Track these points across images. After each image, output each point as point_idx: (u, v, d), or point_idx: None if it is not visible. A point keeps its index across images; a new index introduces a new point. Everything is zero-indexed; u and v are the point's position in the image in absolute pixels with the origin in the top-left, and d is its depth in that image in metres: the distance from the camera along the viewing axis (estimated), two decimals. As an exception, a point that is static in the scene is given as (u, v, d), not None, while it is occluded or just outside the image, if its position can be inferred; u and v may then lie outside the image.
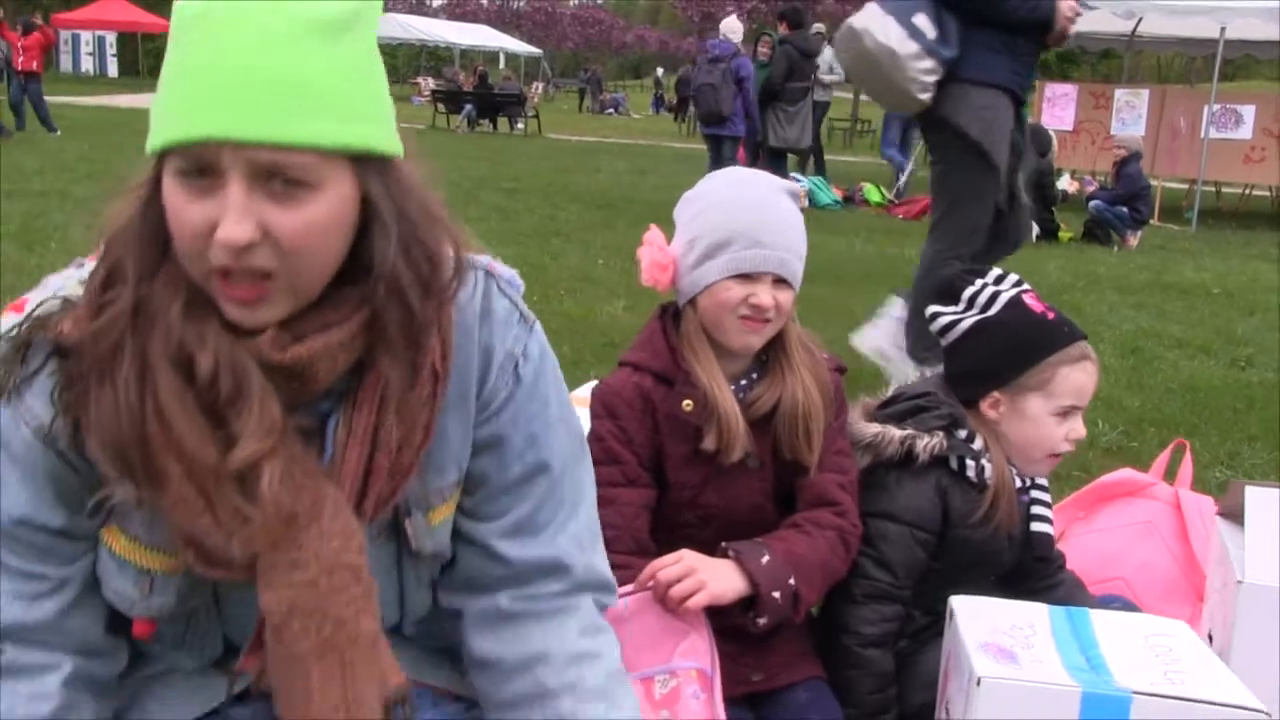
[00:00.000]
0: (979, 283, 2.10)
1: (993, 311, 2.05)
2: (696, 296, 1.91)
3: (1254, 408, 4.65)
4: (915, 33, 3.90)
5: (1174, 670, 1.61)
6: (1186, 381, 4.99)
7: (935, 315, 2.14)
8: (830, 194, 12.17)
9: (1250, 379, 5.19)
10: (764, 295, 1.84)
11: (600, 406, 1.95)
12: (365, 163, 1.10)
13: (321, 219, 1.07)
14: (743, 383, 1.95)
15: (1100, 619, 1.76)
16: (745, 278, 1.85)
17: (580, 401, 2.84)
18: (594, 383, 3.09)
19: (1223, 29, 11.52)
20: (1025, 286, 2.09)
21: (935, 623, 2.05)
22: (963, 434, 2.02)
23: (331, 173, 1.07)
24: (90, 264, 1.16)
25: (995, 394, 2.03)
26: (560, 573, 1.36)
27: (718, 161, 10.51)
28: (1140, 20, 13.72)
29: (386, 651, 1.22)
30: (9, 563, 1.16)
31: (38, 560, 1.17)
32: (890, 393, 2.20)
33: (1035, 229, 9.83)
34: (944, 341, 2.13)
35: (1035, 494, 2.12)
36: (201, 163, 1.03)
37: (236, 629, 1.25)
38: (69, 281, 1.17)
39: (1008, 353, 2.02)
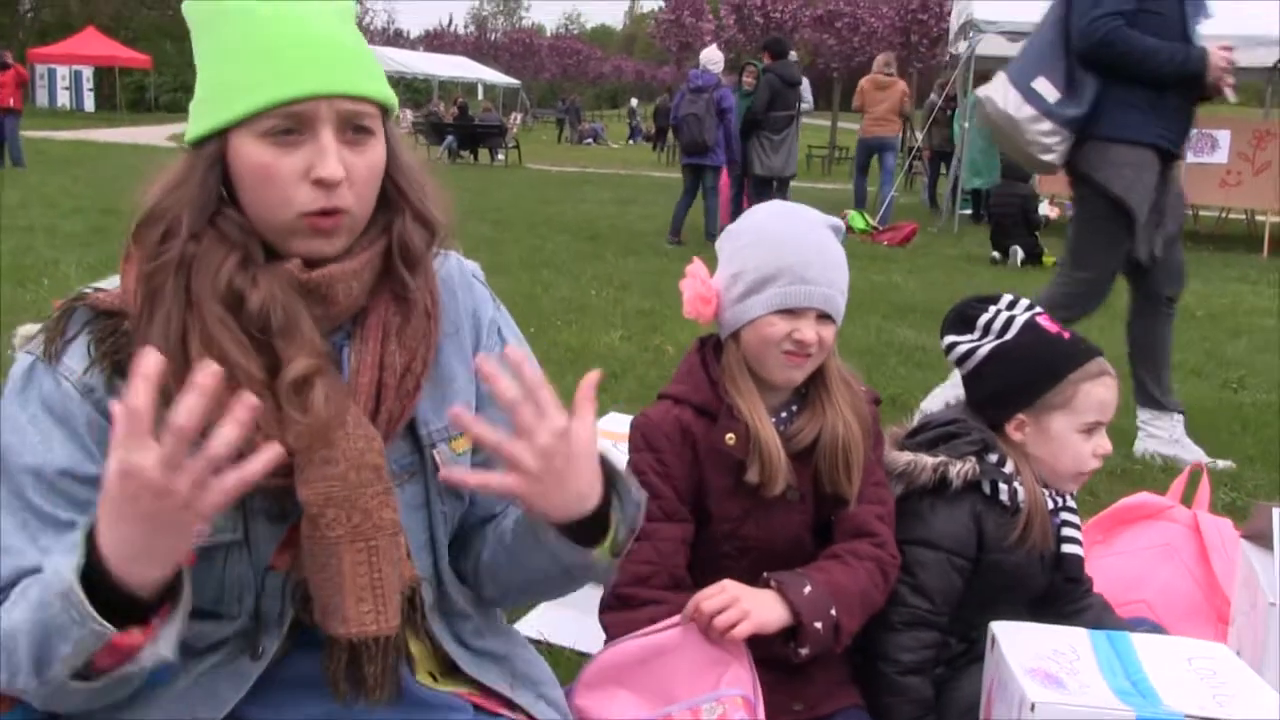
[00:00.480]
0: (992, 309, 2.13)
1: (1009, 336, 2.09)
2: (739, 330, 1.91)
3: (1249, 429, 4.71)
4: (1033, 97, 3.92)
5: (1222, 693, 1.63)
6: (1183, 404, 5.03)
7: (952, 345, 2.16)
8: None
9: (1243, 400, 5.26)
10: (808, 331, 1.85)
11: (640, 439, 1.95)
12: (388, 116, 1.36)
13: (378, 161, 1.32)
14: (783, 415, 1.96)
15: (1141, 642, 1.78)
16: (789, 313, 1.86)
17: (602, 434, 2.86)
18: (612, 414, 3.12)
19: (1197, 55, 11.71)
20: (1038, 310, 2.12)
21: (971, 649, 2.07)
22: (994, 458, 2.04)
23: (378, 123, 1.32)
24: (112, 280, 1.34)
25: (1020, 416, 2.06)
26: None
27: (694, 191, 10.57)
28: (1115, 47, 13.92)
29: (403, 545, 1.37)
30: (57, 515, 1.26)
31: (81, 512, 1.25)
32: (917, 422, 2.22)
33: (1020, 254, 9.95)
34: (963, 370, 2.16)
35: (1065, 515, 2.14)
36: (300, 118, 1.25)
37: (262, 572, 1.36)
38: (95, 285, 1.33)
39: (1029, 374, 2.05)
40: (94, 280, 1.37)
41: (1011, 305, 2.13)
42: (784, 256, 1.87)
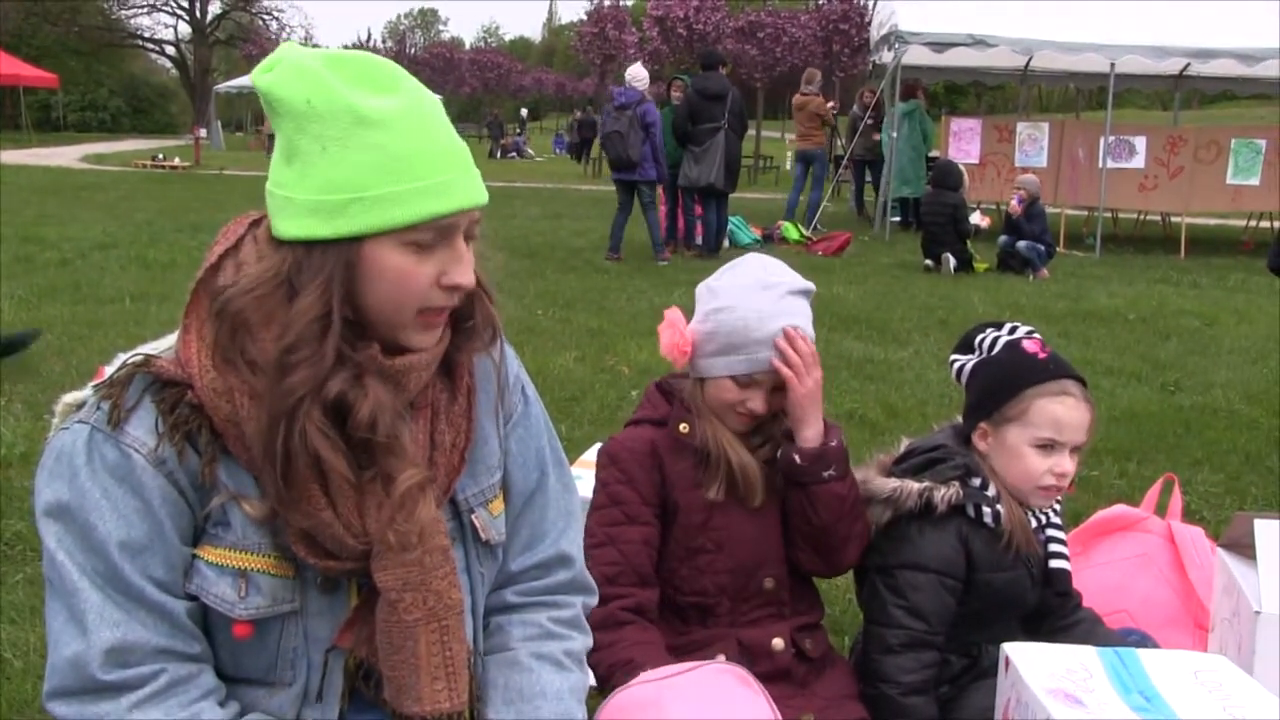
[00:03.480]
0: (990, 331, 2.21)
1: (992, 353, 2.16)
2: (704, 380, 2.06)
3: (1192, 431, 4.87)
4: None
5: (1230, 704, 1.70)
6: (1126, 409, 5.19)
7: (953, 363, 2.24)
8: (749, 233, 12.38)
9: (1182, 403, 5.43)
10: (756, 403, 2.03)
11: (605, 457, 2.09)
12: None
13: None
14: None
15: (1148, 658, 1.85)
16: (745, 383, 2.02)
17: (586, 465, 2.88)
18: (599, 445, 3.13)
19: (1113, 64, 12.08)
20: (1030, 334, 2.19)
21: (973, 666, 2.13)
22: (977, 482, 2.10)
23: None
24: (156, 344, 1.34)
25: (982, 425, 2.14)
26: (566, 564, 1.62)
27: (628, 206, 10.61)
28: (1033, 56, 14.32)
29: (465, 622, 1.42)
30: (143, 589, 1.27)
31: (158, 588, 1.28)
32: (903, 448, 2.27)
33: (953, 261, 10.15)
34: (961, 385, 2.23)
35: (1050, 532, 2.21)
36: (445, 229, 1.29)
37: (317, 646, 1.37)
38: (142, 350, 1.33)
39: (992, 386, 2.14)
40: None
41: (1012, 331, 2.19)
42: (748, 328, 2.01)
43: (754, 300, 2.03)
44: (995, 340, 2.18)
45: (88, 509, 1.24)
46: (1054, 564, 2.20)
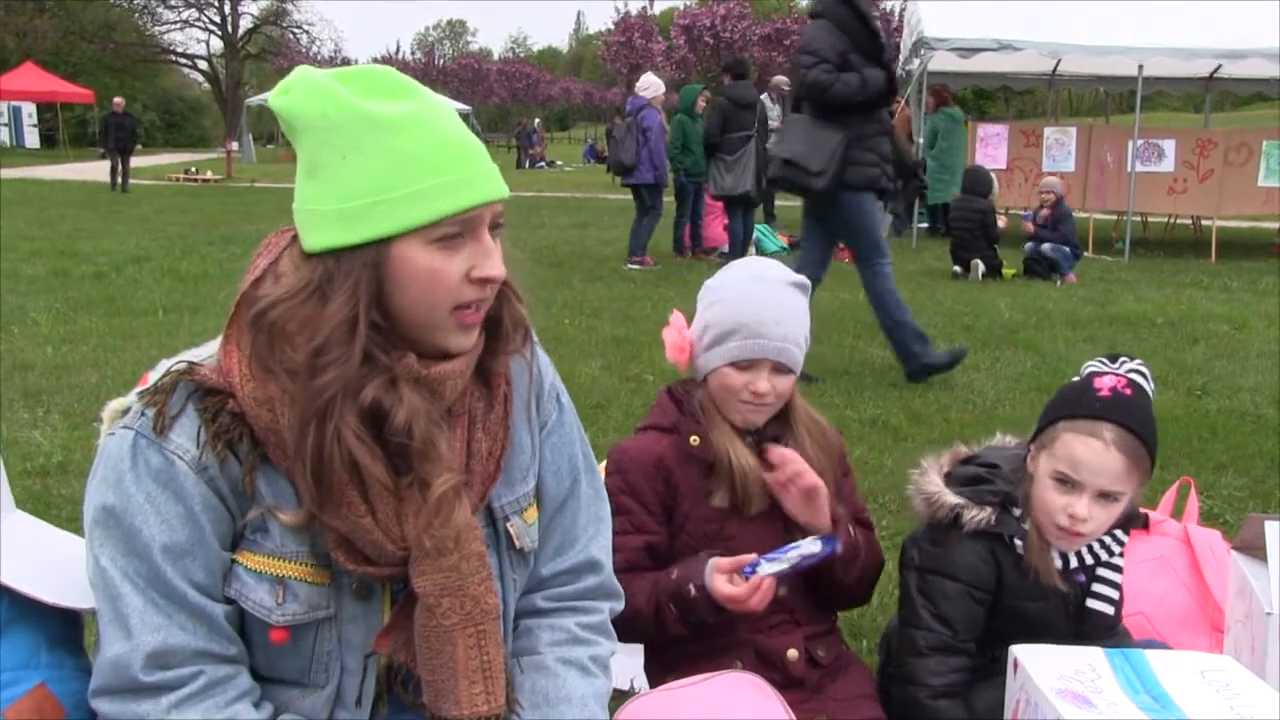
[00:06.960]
0: (1097, 361, 2.13)
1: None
2: (707, 376, 2.10)
3: (1217, 436, 4.85)
4: None
5: (1238, 703, 1.72)
6: (1152, 413, 5.16)
7: None
8: (776, 241, 12.40)
9: (1209, 408, 5.40)
10: (762, 383, 2.04)
11: (612, 465, 2.14)
12: None
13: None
14: (748, 439, 2.12)
15: (1155, 658, 1.87)
16: (746, 366, 2.04)
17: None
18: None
19: (1140, 67, 12.01)
20: (1128, 370, 2.09)
21: (992, 664, 2.14)
22: (1017, 513, 2.09)
23: None
24: (198, 351, 1.37)
25: (1031, 446, 2.12)
26: (596, 570, 1.65)
27: (642, 210, 10.88)
28: (1060, 60, 14.26)
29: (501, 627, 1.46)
30: (186, 593, 1.31)
31: (198, 591, 1.32)
32: (978, 448, 2.25)
33: (982, 267, 10.13)
34: None
35: (1103, 572, 2.16)
36: (469, 223, 1.32)
37: (350, 651, 1.41)
38: (185, 357, 1.37)
39: (1046, 410, 2.11)
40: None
41: (1118, 363, 2.12)
42: (742, 314, 2.05)
43: (746, 289, 2.09)
44: (1087, 370, 2.12)
45: (132, 513, 1.28)
46: (1091, 604, 2.16)
